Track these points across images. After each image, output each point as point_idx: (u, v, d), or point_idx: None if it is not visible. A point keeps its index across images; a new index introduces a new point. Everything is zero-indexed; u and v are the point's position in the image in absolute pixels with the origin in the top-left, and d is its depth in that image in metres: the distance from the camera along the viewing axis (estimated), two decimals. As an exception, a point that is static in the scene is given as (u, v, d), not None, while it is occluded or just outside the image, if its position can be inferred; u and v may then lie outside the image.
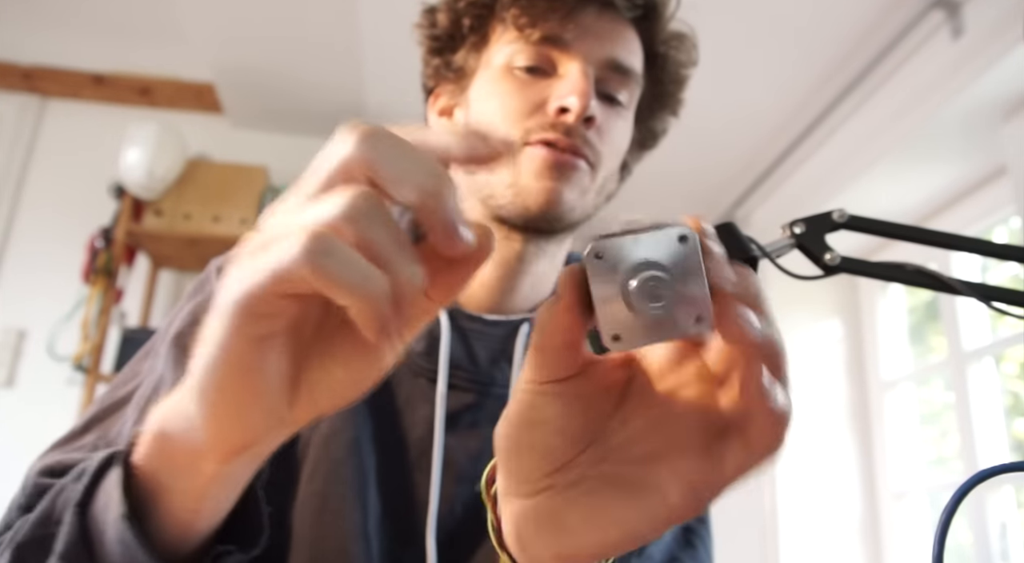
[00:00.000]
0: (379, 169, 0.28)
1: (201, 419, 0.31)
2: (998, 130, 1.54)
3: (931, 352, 1.98)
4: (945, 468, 1.88)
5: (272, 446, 0.34)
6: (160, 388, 0.58)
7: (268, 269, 0.27)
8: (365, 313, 0.26)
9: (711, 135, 2.02)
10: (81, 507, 0.37)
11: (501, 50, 0.67)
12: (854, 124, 1.77)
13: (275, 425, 0.32)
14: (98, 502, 0.37)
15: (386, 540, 0.59)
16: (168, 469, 0.35)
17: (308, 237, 0.26)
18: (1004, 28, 1.36)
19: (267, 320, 0.29)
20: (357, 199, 0.27)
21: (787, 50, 1.74)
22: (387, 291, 0.26)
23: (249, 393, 0.30)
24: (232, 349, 0.29)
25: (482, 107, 0.67)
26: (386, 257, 0.27)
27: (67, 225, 2.54)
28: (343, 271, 0.26)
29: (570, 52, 0.65)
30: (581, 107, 0.62)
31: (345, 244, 0.26)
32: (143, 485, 0.36)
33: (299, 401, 0.32)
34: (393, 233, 0.27)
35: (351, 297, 0.26)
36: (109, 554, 0.36)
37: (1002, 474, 0.39)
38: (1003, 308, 0.44)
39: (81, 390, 2.33)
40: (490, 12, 0.68)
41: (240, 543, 0.39)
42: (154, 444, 0.35)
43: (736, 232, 0.41)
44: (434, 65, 0.73)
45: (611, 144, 0.67)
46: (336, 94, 2.53)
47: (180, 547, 0.37)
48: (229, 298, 0.28)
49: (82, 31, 2.53)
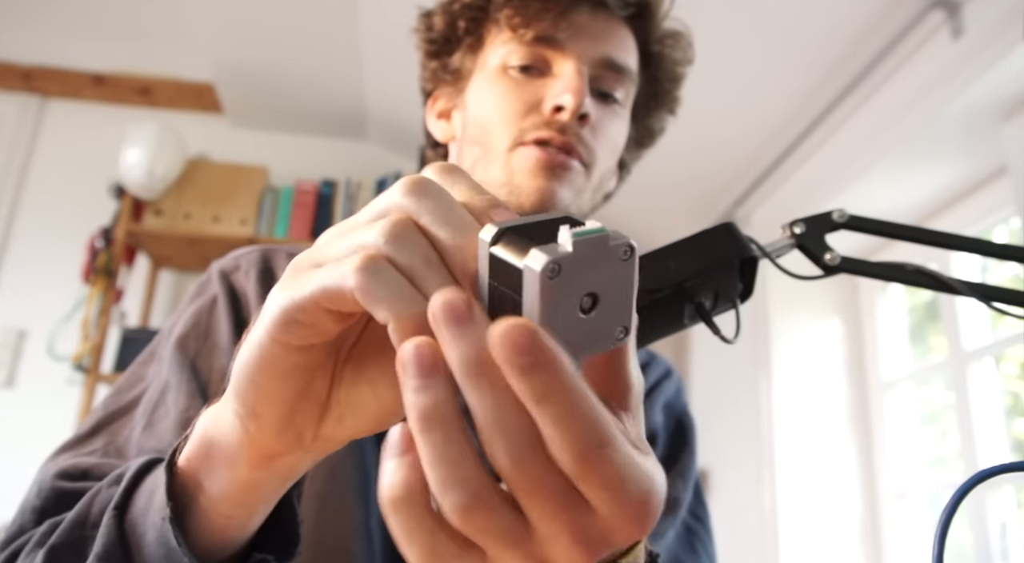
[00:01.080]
0: (419, 220, 0.29)
1: (236, 418, 0.33)
2: (998, 130, 1.54)
3: (931, 352, 1.98)
4: (945, 468, 1.88)
5: (304, 463, 0.35)
6: (166, 393, 0.58)
7: (318, 282, 0.28)
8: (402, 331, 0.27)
9: (711, 135, 2.02)
10: (119, 510, 0.38)
11: (496, 51, 0.68)
12: (854, 124, 1.77)
13: (305, 439, 0.33)
14: (137, 505, 0.38)
15: (388, 538, 0.59)
16: (207, 472, 0.35)
17: (357, 257, 0.27)
18: (1004, 28, 1.36)
19: (306, 330, 0.30)
20: (394, 226, 0.28)
21: (787, 50, 1.75)
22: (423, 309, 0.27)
23: (281, 397, 0.32)
24: (270, 353, 0.31)
25: (478, 108, 0.68)
26: (420, 276, 0.28)
27: (67, 225, 2.54)
28: (387, 290, 0.27)
29: (564, 51, 0.65)
30: (576, 105, 0.62)
31: (388, 266, 0.28)
32: (184, 489, 0.36)
33: (328, 418, 0.33)
34: (425, 254, 0.28)
35: (392, 315, 0.27)
36: (149, 556, 0.36)
37: (1002, 474, 0.39)
38: (1003, 308, 0.44)
39: (81, 390, 2.33)
40: (484, 14, 0.69)
41: (275, 552, 0.40)
42: (196, 447, 0.36)
43: (736, 232, 0.41)
44: (431, 68, 0.73)
45: (606, 142, 0.67)
46: (336, 94, 2.53)
47: (214, 553, 0.37)
48: (274, 305, 0.30)
49: (82, 31, 2.53)
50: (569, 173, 0.64)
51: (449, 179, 0.31)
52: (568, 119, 0.63)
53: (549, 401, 0.24)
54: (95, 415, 0.59)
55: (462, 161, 0.69)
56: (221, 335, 0.62)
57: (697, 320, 0.41)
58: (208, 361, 0.61)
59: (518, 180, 0.63)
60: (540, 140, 0.63)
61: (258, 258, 0.67)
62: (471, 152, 0.68)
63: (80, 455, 0.54)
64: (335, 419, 0.33)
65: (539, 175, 0.63)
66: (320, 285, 0.28)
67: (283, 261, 0.68)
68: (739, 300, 0.43)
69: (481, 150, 0.66)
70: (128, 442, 0.56)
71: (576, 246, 0.26)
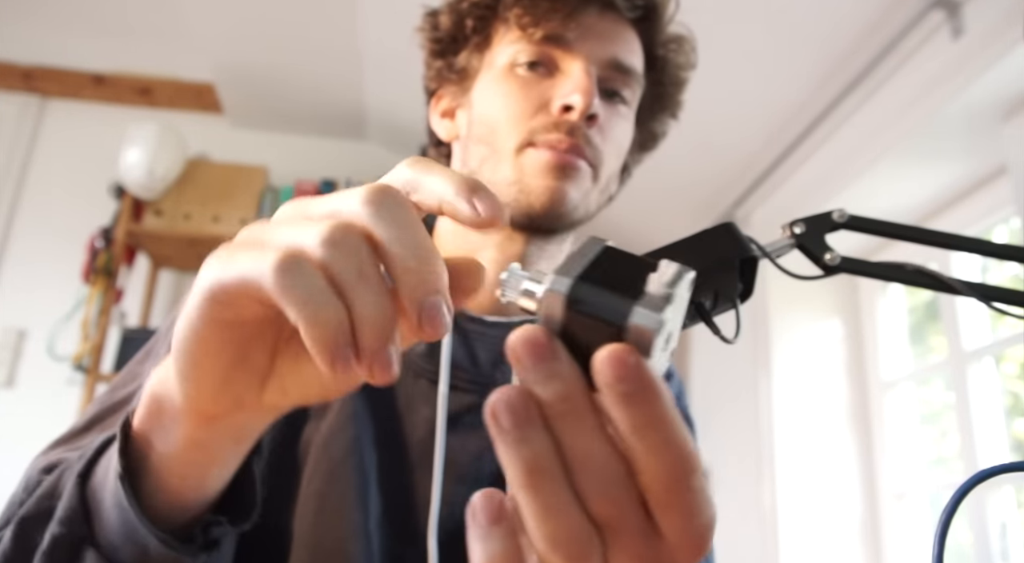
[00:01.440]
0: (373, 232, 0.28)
1: (174, 382, 0.33)
2: (998, 130, 1.54)
3: (931, 352, 1.97)
4: (945, 468, 1.87)
5: (253, 425, 0.36)
6: None
7: (236, 272, 0.29)
8: (311, 335, 0.27)
9: (711, 136, 2.02)
10: (82, 477, 0.39)
11: (504, 50, 0.68)
12: (854, 124, 1.77)
13: (246, 403, 0.34)
14: (98, 472, 0.39)
15: (387, 539, 0.59)
16: (157, 430, 0.36)
17: (279, 254, 0.27)
18: (1004, 28, 1.36)
19: (231, 310, 0.30)
20: (335, 230, 0.28)
21: (787, 50, 1.75)
22: (340, 319, 0.27)
23: (211, 365, 0.32)
24: (198, 328, 0.31)
25: (486, 107, 0.68)
26: (349, 287, 0.27)
27: (67, 225, 2.54)
28: (301, 292, 0.27)
29: (572, 51, 0.65)
30: (585, 105, 0.62)
31: (312, 268, 0.27)
32: (137, 448, 0.37)
33: (270, 387, 0.34)
34: (361, 265, 0.28)
35: (301, 318, 0.27)
36: (106, 520, 0.37)
37: (1002, 474, 0.39)
38: (1003, 308, 0.44)
39: (81, 390, 2.33)
40: (493, 13, 0.69)
41: (232, 516, 0.40)
42: (146, 406, 0.36)
43: (736, 232, 0.41)
44: (436, 67, 0.73)
45: (613, 143, 0.67)
46: (336, 94, 2.53)
47: (173, 516, 0.38)
48: (203, 281, 0.30)
49: (82, 31, 2.53)
50: (578, 173, 0.64)
51: (424, 167, 0.31)
52: (577, 119, 0.63)
53: (651, 429, 0.25)
54: (90, 411, 0.59)
55: (468, 160, 0.69)
56: None
57: (697, 320, 0.41)
58: None
59: (528, 180, 0.63)
60: (549, 144, 0.63)
61: None
62: (477, 151, 0.67)
63: (71, 449, 0.54)
64: (278, 389, 0.34)
65: (549, 175, 0.63)
66: (240, 274, 0.28)
67: None
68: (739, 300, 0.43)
69: (488, 149, 0.66)
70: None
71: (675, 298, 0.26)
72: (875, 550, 1.95)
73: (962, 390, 1.70)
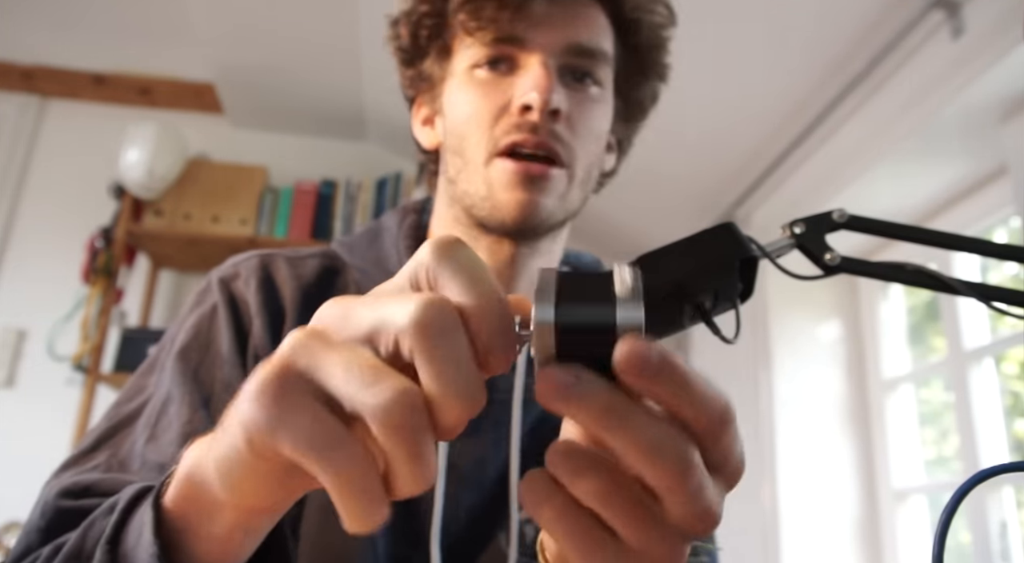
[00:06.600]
0: (324, 384, 0.29)
1: (216, 484, 0.32)
2: (998, 130, 1.54)
3: (931, 352, 1.97)
4: (945, 468, 1.87)
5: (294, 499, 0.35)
6: (168, 405, 0.58)
7: (282, 439, 0.28)
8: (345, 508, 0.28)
9: (711, 135, 2.02)
10: (111, 543, 0.38)
11: (462, 55, 0.67)
12: (854, 124, 1.77)
13: (297, 494, 0.33)
14: (128, 538, 0.37)
15: (391, 543, 0.59)
16: (196, 513, 0.35)
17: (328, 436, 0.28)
18: (1004, 28, 1.36)
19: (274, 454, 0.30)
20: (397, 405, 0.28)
21: (787, 50, 1.74)
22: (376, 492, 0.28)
23: (257, 488, 0.31)
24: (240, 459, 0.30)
25: (453, 115, 0.67)
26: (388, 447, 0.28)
27: (67, 225, 2.54)
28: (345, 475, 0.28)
29: (527, 47, 0.64)
30: (542, 102, 0.61)
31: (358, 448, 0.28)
32: (172, 525, 0.36)
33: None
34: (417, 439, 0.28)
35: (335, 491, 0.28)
36: None
37: (1002, 474, 0.39)
38: (1003, 308, 0.44)
39: (81, 390, 2.33)
40: (444, 20, 0.68)
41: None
42: (183, 488, 0.35)
43: (736, 232, 0.41)
44: (408, 76, 0.73)
45: (585, 133, 0.65)
46: (336, 94, 2.53)
47: None
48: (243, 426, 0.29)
49: (82, 31, 2.52)
50: (548, 182, 0.63)
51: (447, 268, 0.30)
52: (538, 118, 0.62)
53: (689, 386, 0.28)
54: (97, 429, 0.59)
55: (448, 170, 0.68)
56: (222, 344, 0.62)
57: (697, 320, 0.41)
58: (210, 372, 0.61)
59: (497, 194, 0.63)
60: (513, 144, 0.62)
61: (257, 265, 0.67)
62: (454, 162, 0.67)
63: (83, 472, 0.54)
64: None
65: (517, 188, 0.62)
66: (283, 441, 0.28)
67: (282, 266, 0.68)
68: (739, 300, 0.43)
69: (461, 161, 0.66)
70: (131, 455, 0.56)
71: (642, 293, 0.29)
72: (875, 550, 1.95)
73: (962, 390, 1.70)
